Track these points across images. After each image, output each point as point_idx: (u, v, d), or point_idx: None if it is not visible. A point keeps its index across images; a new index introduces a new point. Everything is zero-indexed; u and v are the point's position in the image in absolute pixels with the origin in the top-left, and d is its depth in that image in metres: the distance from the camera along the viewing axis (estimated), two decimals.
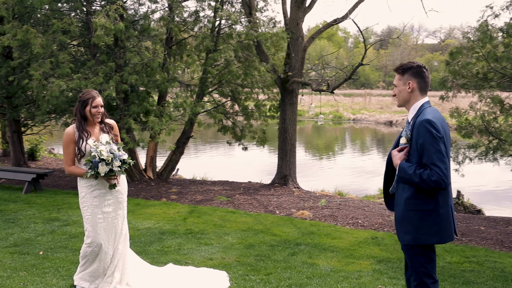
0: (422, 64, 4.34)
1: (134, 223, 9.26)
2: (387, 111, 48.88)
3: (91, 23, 12.09)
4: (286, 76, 13.29)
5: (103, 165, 5.32)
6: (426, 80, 4.33)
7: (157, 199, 11.73)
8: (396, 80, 4.40)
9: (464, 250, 8.13)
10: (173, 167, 14.21)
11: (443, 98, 11.07)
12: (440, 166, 4.02)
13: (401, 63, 4.45)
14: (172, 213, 10.28)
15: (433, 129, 4.04)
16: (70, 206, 10.62)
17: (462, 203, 13.49)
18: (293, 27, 13.27)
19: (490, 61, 10.48)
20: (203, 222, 9.57)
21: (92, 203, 5.56)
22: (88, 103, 5.54)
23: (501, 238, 8.90)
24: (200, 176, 16.02)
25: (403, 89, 4.34)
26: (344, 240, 8.53)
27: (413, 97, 4.32)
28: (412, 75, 4.31)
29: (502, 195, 17.13)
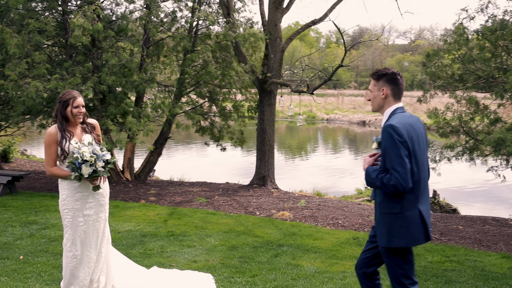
0: (397, 71, 4.42)
1: (114, 226, 9.16)
2: (360, 111, 49.31)
3: (67, 23, 11.93)
4: (264, 77, 13.30)
5: (86, 166, 5.19)
6: (400, 87, 4.42)
7: (136, 201, 11.63)
8: (371, 86, 4.48)
9: (444, 250, 8.24)
10: (150, 169, 14.11)
11: (421, 101, 11.19)
12: (399, 170, 4.10)
13: (377, 69, 4.51)
14: (152, 215, 10.20)
15: (394, 133, 4.12)
16: (48, 209, 10.47)
17: (438, 202, 13.67)
18: (271, 28, 13.29)
19: (466, 63, 10.63)
20: (184, 224, 9.52)
21: (73, 206, 5.42)
22: (69, 103, 5.40)
23: (479, 237, 9.04)
24: (177, 177, 15.93)
25: (378, 95, 4.42)
26: (326, 241, 8.57)
27: (387, 103, 4.40)
28: (387, 81, 4.39)
29: (475, 194, 17.40)
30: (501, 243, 8.72)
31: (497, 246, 8.55)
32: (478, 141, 10.45)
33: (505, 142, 9.18)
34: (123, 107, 12.07)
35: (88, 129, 5.61)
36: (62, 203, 5.48)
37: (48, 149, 5.42)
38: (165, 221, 9.70)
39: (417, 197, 4.27)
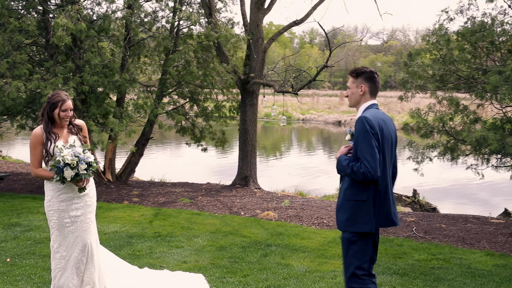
0: (374, 70, 4.64)
1: (100, 227, 9.06)
2: (336, 111, 49.64)
3: (48, 23, 11.81)
4: (246, 77, 13.33)
5: (68, 169, 5.10)
6: (377, 85, 4.66)
7: (119, 202, 11.55)
8: (350, 83, 4.68)
9: (429, 248, 8.36)
10: (132, 169, 14.03)
11: (402, 99, 11.33)
12: (368, 159, 4.31)
13: (356, 67, 4.73)
14: (137, 216, 10.15)
15: (367, 124, 4.36)
16: (30, 211, 10.33)
17: (418, 201, 13.86)
18: (253, 29, 13.32)
19: (447, 64, 10.80)
20: (170, 224, 9.49)
21: (58, 208, 5.33)
22: (57, 105, 5.28)
23: (462, 235, 9.19)
24: (158, 178, 15.86)
25: (356, 91, 4.64)
26: (313, 240, 8.63)
27: (363, 99, 4.63)
28: (365, 79, 4.62)
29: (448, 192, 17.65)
30: (483, 240, 8.88)
31: (480, 244, 8.71)
32: (459, 141, 10.62)
33: (486, 141, 9.35)
34: (105, 108, 11.97)
35: (74, 130, 5.52)
36: (47, 204, 5.41)
37: (33, 150, 5.35)
38: (150, 222, 9.66)
39: (383, 186, 4.49)
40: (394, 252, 8.07)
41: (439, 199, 15.86)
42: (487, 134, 9.37)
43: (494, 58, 11.11)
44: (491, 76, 9.60)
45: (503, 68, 9.78)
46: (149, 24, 13.29)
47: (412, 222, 10.14)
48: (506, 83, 9.31)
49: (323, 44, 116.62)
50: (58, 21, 10.33)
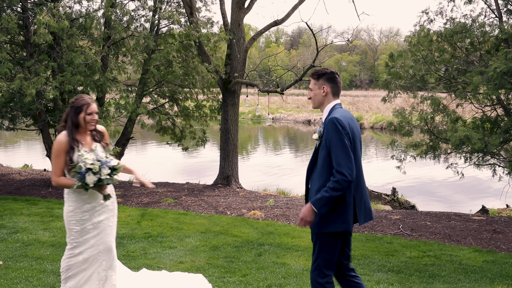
0: (335, 71, 4.74)
1: None
2: (305, 110, 49.89)
3: (27, 21, 11.61)
4: (228, 76, 13.33)
5: (90, 174, 4.88)
6: (338, 85, 4.73)
7: None
8: (312, 85, 4.76)
9: (418, 245, 8.51)
10: None
11: (385, 100, 11.50)
12: (343, 161, 4.37)
13: (316, 69, 4.82)
14: (124, 216, 10.05)
15: (339, 125, 4.42)
16: (13, 212, 10.12)
17: (398, 199, 14.07)
18: (235, 28, 13.33)
19: (429, 64, 11.01)
20: (158, 225, 9.44)
21: (81, 218, 5.15)
22: (82, 109, 5.08)
23: (448, 232, 9.38)
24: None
25: (318, 92, 4.71)
26: (304, 239, 8.69)
27: (327, 100, 4.70)
28: (326, 80, 4.70)
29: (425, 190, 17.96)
30: (469, 237, 9.08)
31: (466, 241, 8.91)
32: (441, 140, 10.83)
33: (470, 140, 9.57)
34: None
35: (97, 137, 5.34)
36: (68, 214, 5.19)
37: (56, 158, 5.09)
38: (138, 223, 9.59)
39: (355, 185, 4.57)
40: (385, 250, 8.20)
41: (414, 197, 16.12)
42: (471, 133, 9.59)
43: (472, 58, 11.37)
44: (474, 77, 9.82)
45: (484, 69, 10.02)
46: (129, 23, 13.16)
47: (397, 220, 10.30)
48: (489, 83, 9.54)
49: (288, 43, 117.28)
50: (40, 19, 10.16)
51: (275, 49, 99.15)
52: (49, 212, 10.18)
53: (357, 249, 8.16)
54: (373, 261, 7.55)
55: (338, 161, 4.38)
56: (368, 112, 46.59)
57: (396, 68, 11.14)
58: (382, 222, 10.12)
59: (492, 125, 10.96)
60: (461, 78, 10.97)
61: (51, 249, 7.72)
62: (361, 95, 67.69)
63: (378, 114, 44.42)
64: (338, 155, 4.39)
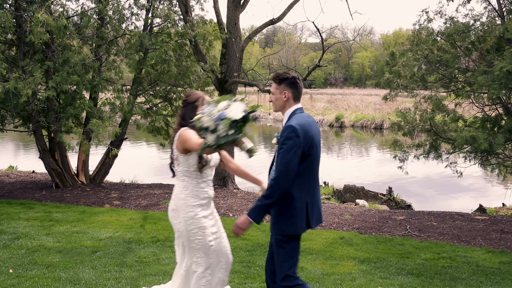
0: (296, 76, 4.74)
1: (92, 233, 8.75)
2: None
3: (21, 19, 11.26)
4: (224, 76, 13.14)
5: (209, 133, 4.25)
6: (300, 90, 4.75)
7: (100, 206, 11.15)
8: (273, 89, 4.78)
9: (430, 246, 8.45)
10: (106, 171, 13.56)
11: (386, 98, 11.43)
12: (283, 169, 4.45)
13: (278, 73, 4.83)
14: (126, 220, 9.82)
15: (294, 134, 4.46)
16: (10, 217, 9.81)
17: (394, 198, 14.05)
18: (231, 27, 13.14)
19: (431, 63, 10.97)
20: (163, 228, 9.22)
21: (203, 224, 4.86)
22: (198, 104, 4.92)
23: (456, 233, 9.34)
24: (128, 179, 15.43)
25: (280, 97, 4.72)
26: (315, 242, 8.56)
27: (288, 105, 4.72)
28: (288, 85, 4.71)
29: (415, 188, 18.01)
30: (478, 238, 9.06)
31: (476, 241, 8.88)
32: (444, 140, 10.80)
33: (477, 140, 9.54)
34: (82, 108, 11.53)
35: None
36: (190, 221, 4.84)
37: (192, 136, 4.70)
38: (142, 226, 9.36)
39: (307, 190, 4.64)
40: (398, 252, 8.11)
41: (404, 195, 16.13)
42: (477, 134, 9.56)
43: (472, 58, 11.37)
44: (479, 76, 9.80)
45: (488, 68, 10.01)
46: (121, 21, 12.84)
47: (403, 220, 10.25)
48: (494, 83, 9.53)
49: (263, 42, 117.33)
50: (38, 16, 9.84)
51: (250, 47, 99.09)
52: (47, 216, 9.89)
53: (371, 251, 8.07)
54: (390, 264, 7.46)
55: (278, 171, 4.47)
56: (347, 110, 46.71)
57: (398, 67, 11.07)
58: (388, 223, 10.05)
59: (493, 124, 10.96)
60: (462, 78, 10.97)
61: (60, 256, 7.46)
62: (337, 93, 67.89)
63: (358, 112, 44.61)
64: (280, 164, 4.47)
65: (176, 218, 4.94)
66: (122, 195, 12.28)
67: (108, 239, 8.46)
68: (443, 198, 16.51)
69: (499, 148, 9.85)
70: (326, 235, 9.04)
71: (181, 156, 4.89)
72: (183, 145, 4.82)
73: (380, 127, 39.11)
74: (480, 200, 15.50)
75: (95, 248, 7.86)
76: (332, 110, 46.59)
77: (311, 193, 4.68)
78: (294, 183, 4.51)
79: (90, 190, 12.61)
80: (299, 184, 4.56)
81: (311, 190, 4.69)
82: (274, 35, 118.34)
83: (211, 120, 4.23)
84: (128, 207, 11.15)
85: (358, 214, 10.88)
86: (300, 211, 4.59)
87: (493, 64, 10.13)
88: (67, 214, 10.14)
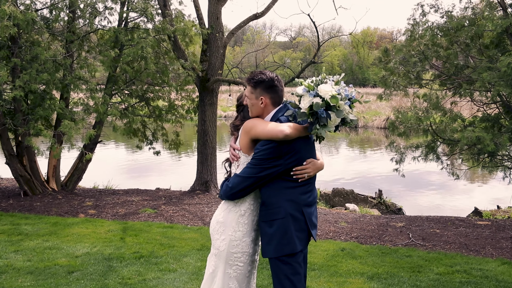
0: (274, 76, 3.96)
1: (67, 248, 7.84)
2: None
3: None
4: (205, 74, 12.31)
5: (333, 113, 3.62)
6: (279, 94, 3.98)
7: (74, 216, 10.22)
8: (248, 92, 3.99)
9: (440, 258, 7.77)
10: (79, 177, 12.59)
11: (381, 98, 10.76)
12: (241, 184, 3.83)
13: (253, 74, 3.98)
14: (103, 232, 8.91)
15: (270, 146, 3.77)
16: None
17: (384, 202, 13.41)
18: (213, 22, 12.31)
19: (430, 59, 10.34)
20: (146, 241, 8.36)
21: (248, 250, 3.97)
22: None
23: (463, 241, 8.69)
24: (102, 184, 14.48)
25: (256, 103, 3.96)
26: (315, 254, 7.81)
27: (266, 111, 3.97)
28: (265, 90, 3.92)
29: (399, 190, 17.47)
30: (488, 246, 8.41)
31: (486, 250, 8.24)
32: (444, 140, 10.18)
33: (482, 141, 8.92)
34: (53, 109, 10.57)
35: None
36: (234, 243, 3.93)
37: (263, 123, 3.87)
38: (122, 239, 8.48)
39: (301, 199, 3.91)
40: (408, 265, 7.40)
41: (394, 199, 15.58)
42: (483, 134, 8.94)
43: (470, 54, 10.78)
44: (483, 73, 9.18)
45: (491, 64, 9.41)
46: (93, 15, 11.90)
47: (403, 228, 9.57)
48: (500, 80, 8.91)
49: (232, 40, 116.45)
50: (4, 9, 8.87)
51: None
52: (15, 229, 8.92)
53: (378, 265, 7.34)
54: (402, 280, 6.74)
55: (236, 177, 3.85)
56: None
57: (393, 64, 10.41)
58: (388, 231, 9.36)
59: (492, 124, 10.37)
60: (462, 74, 10.35)
61: (31, 278, 6.54)
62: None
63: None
64: (242, 173, 3.83)
65: (221, 234, 3.99)
66: (98, 203, 11.35)
67: (85, 255, 7.56)
68: (429, 197, 16.00)
69: (505, 149, 9.24)
70: (325, 246, 8.29)
71: (244, 156, 3.99)
72: (249, 134, 3.92)
73: (355, 126, 38.67)
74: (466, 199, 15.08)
75: (71, 268, 6.95)
76: None
77: (307, 200, 3.94)
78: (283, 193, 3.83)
79: (62, 197, 11.63)
80: (289, 193, 3.84)
81: (308, 197, 3.95)
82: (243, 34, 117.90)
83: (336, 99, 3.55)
84: (105, 216, 10.24)
85: (353, 221, 10.17)
86: (299, 224, 3.86)
87: (496, 60, 9.53)
88: (38, 226, 9.19)
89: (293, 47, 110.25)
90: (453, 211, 13.80)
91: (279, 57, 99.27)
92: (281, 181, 3.86)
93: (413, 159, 10.40)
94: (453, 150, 10.38)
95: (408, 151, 10.61)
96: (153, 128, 13.23)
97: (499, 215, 11.80)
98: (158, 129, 13.22)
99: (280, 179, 3.85)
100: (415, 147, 10.39)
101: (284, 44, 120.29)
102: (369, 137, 35.04)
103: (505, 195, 12.90)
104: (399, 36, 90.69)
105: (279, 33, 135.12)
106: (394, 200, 14.15)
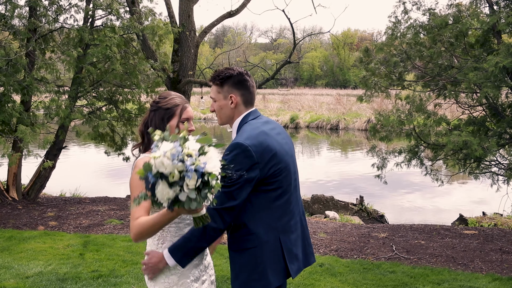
0: (244, 70, 3.33)
1: (18, 268, 7.12)
2: None
3: None
4: (176, 75, 11.61)
5: (164, 184, 2.49)
6: (251, 90, 3.34)
7: (32, 228, 9.46)
8: (214, 93, 3.32)
9: (426, 273, 7.16)
10: (42, 185, 11.81)
11: (362, 99, 10.16)
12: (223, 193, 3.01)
13: (218, 71, 3.34)
14: (62, 247, 8.19)
15: (240, 154, 3.07)
16: None
17: (366, 209, 12.83)
18: (184, 20, 11.62)
19: (412, 59, 9.77)
20: (107, 258, 7.66)
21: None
22: (175, 113, 3.20)
23: (450, 254, 8.10)
24: (70, 192, 13.71)
25: (225, 104, 3.29)
26: None
27: (237, 113, 3.31)
28: (234, 86, 3.27)
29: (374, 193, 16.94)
30: (477, 259, 7.83)
31: (474, 264, 7.65)
32: (429, 145, 9.61)
33: (470, 146, 8.35)
34: (10, 113, 9.81)
35: None
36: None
37: (136, 191, 2.98)
38: (81, 256, 7.76)
39: (280, 222, 3.22)
40: (392, 283, 6.78)
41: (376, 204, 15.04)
42: (470, 139, 8.36)
43: (454, 54, 10.22)
44: (469, 73, 8.61)
45: (479, 65, 8.86)
46: (58, 13, 11.15)
47: (386, 239, 8.96)
48: (488, 80, 8.35)
49: (213, 42, 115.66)
50: None
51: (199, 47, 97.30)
52: None
53: (359, 284, 6.72)
54: None
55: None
56: (301, 110, 45.76)
57: (374, 64, 9.82)
58: (370, 243, 8.74)
59: (479, 127, 9.82)
60: (446, 75, 9.79)
61: None
62: (289, 93, 66.91)
63: (312, 112, 43.68)
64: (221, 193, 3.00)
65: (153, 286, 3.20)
66: (60, 213, 10.59)
67: (37, 276, 6.83)
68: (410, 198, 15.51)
69: (493, 154, 8.69)
70: None
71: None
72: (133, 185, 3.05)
73: (336, 128, 38.18)
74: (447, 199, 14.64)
75: None
76: (286, 111, 45.57)
77: (286, 226, 3.24)
78: (256, 216, 3.13)
79: (22, 208, 10.86)
80: (264, 217, 3.14)
81: (287, 222, 3.25)
82: (224, 35, 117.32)
83: (173, 166, 2.47)
84: (66, 229, 9.50)
85: (333, 232, 9.54)
86: (274, 254, 3.17)
87: (483, 60, 8.98)
88: None
89: (274, 48, 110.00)
90: (435, 214, 13.32)
91: (260, 58, 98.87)
92: (253, 199, 3.14)
93: (396, 165, 9.80)
94: (437, 155, 9.80)
95: (390, 157, 10.01)
96: (122, 133, 12.49)
97: (485, 223, 11.25)
98: (128, 133, 12.49)
99: (253, 196, 3.14)
100: (398, 152, 9.79)
101: (265, 45, 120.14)
102: (350, 139, 34.54)
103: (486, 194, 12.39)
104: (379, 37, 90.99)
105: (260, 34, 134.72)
106: (376, 203, 13.58)
